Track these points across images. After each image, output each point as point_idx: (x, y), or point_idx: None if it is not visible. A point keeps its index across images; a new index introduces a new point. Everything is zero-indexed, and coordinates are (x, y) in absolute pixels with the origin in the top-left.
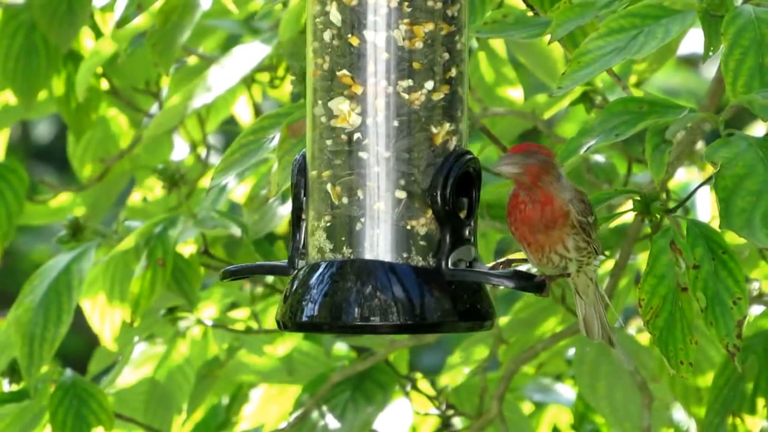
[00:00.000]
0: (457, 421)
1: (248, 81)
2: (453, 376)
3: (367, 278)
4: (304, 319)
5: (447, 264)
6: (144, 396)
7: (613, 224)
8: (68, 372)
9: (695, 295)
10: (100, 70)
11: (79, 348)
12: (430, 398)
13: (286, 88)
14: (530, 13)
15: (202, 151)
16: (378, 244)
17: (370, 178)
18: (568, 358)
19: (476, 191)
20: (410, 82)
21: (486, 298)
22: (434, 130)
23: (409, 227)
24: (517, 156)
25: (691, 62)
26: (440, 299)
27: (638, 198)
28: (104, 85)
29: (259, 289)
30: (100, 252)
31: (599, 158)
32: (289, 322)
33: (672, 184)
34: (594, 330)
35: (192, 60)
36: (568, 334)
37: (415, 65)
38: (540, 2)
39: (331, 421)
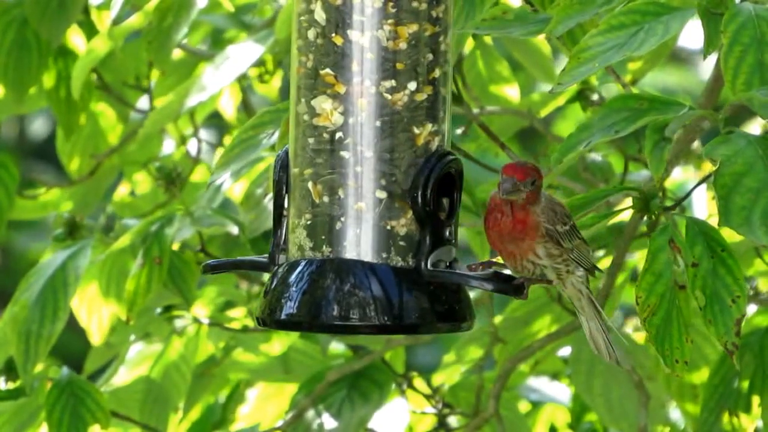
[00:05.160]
0: (453, 420)
1: (238, 77)
2: (449, 375)
3: (346, 277)
4: (283, 316)
5: (426, 265)
6: (140, 394)
7: (610, 222)
8: (64, 370)
9: (694, 293)
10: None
11: (78, 347)
12: (426, 397)
13: (274, 84)
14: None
15: (189, 144)
16: (358, 243)
17: (351, 178)
18: (564, 357)
19: (458, 192)
20: (393, 82)
21: (465, 299)
22: (416, 130)
23: (389, 227)
24: (523, 183)
25: (687, 61)
26: (419, 300)
27: (637, 195)
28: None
29: (256, 288)
30: (96, 250)
31: (596, 157)
32: (268, 319)
33: (668, 183)
34: (602, 348)
35: (176, 53)
36: (565, 332)
37: (399, 66)
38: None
39: (327, 420)
